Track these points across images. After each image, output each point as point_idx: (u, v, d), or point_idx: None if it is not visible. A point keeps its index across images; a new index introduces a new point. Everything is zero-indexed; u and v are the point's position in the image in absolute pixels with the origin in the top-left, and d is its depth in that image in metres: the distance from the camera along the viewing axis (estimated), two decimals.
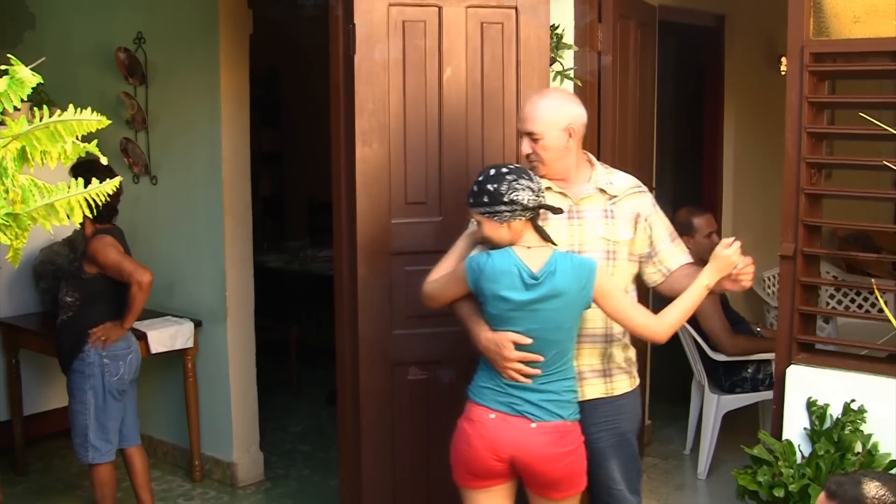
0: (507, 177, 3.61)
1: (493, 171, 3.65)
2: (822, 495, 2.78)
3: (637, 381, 4.12)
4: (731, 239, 3.71)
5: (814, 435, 4.20)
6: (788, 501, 4.08)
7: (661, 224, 4.02)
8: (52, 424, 6.73)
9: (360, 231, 4.48)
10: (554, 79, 4.74)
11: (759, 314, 7.87)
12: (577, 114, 3.87)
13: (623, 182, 4.01)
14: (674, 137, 9.09)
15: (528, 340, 3.62)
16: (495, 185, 3.60)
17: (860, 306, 7.98)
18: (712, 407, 6.17)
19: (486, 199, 3.61)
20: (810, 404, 4.24)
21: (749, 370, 6.20)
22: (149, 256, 6.50)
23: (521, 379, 3.64)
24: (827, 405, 4.21)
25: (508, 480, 3.76)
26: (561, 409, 3.67)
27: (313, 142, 8.86)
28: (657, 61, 6.48)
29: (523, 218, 3.62)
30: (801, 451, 4.23)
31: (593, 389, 3.93)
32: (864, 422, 4.12)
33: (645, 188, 4.08)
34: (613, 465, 3.97)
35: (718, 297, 6.07)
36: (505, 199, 3.58)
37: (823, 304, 7.57)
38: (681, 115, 9.06)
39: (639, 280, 4.09)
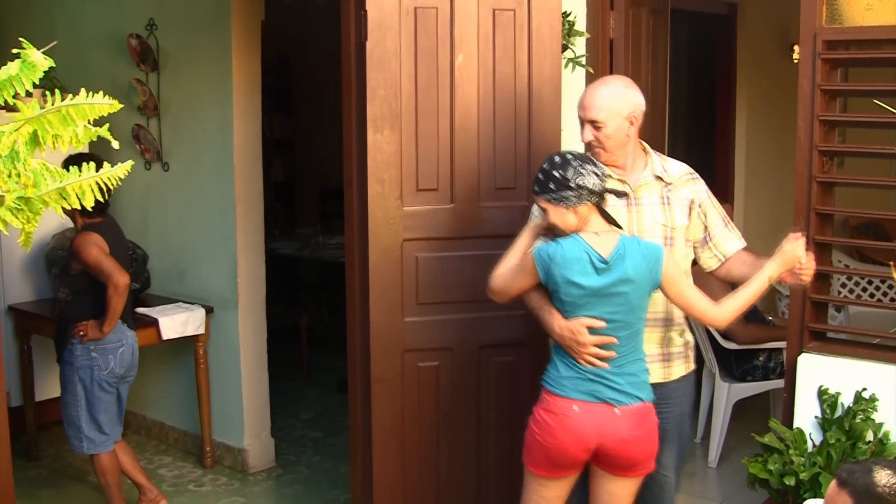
0: (573, 162, 3.64)
1: (558, 158, 3.69)
2: (832, 483, 2.78)
3: (693, 366, 4.13)
4: (799, 234, 3.75)
5: (825, 423, 4.20)
6: (799, 490, 4.08)
7: (714, 210, 4.04)
8: None
9: (371, 217, 4.48)
10: (566, 66, 4.74)
11: (771, 303, 7.86)
12: (638, 102, 3.91)
13: (677, 169, 4.05)
14: (686, 125, 9.08)
15: (602, 324, 3.64)
16: (562, 171, 3.63)
17: (872, 295, 7.97)
18: (723, 395, 6.17)
19: (552, 186, 3.64)
20: (821, 392, 4.24)
21: (760, 358, 6.20)
22: (160, 243, 6.53)
23: (598, 363, 3.65)
24: (838, 394, 4.20)
25: (584, 467, 3.79)
26: (639, 391, 3.71)
27: (325, 129, 8.87)
28: (669, 49, 6.46)
29: (589, 202, 3.65)
30: (811, 439, 4.23)
31: (651, 374, 3.90)
32: (876, 410, 4.11)
33: (697, 175, 4.09)
34: (662, 449, 3.95)
35: (729, 285, 6.06)
36: (572, 185, 3.61)
37: (835, 293, 7.55)
38: (693, 103, 9.05)
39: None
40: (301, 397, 7.77)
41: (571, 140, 4.70)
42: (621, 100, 3.86)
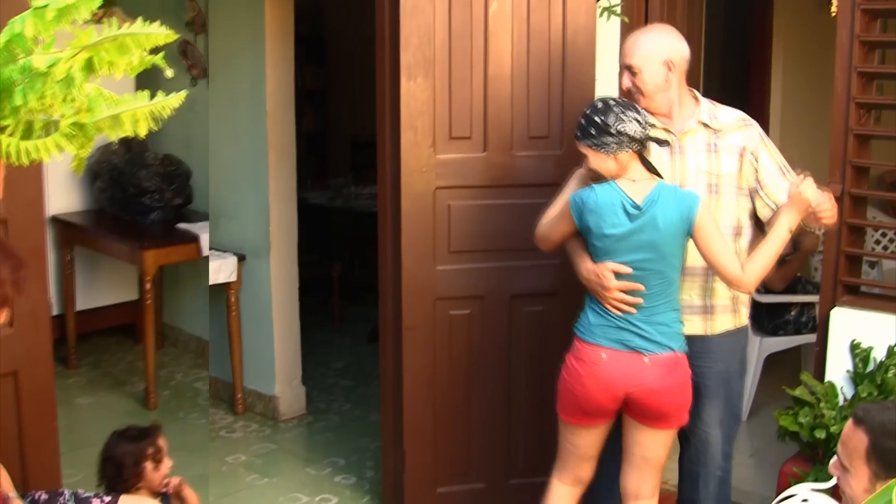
0: (615, 108, 3.61)
1: (600, 104, 3.65)
2: (849, 422, 2.76)
3: (743, 321, 4.03)
4: (802, 176, 3.63)
5: (856, 377, 4.19)
6: (829, 443, 4.08)
7: (769, 158, 3.91)
8: (104, 320, 6.84)
9: (403, 165, 4.48)
10: (600, 14, 4.70)
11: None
12: (676, 48, 3.86)
13: (728, 116, 3.96)
14: (721, 76, 8.99)
15: (628, 270, 3.61)
16: (603, 117, 3.59)
17: None
18: (755, 349, 6.13)
19: (593, 131, 3.61)
20: (854, 347, 4.22)
21: (792, 313, 6.16)
22: (204, 160, 6.51)
23: (625, 308, 3.63)
24: (871, 348, 4.19)
25: (615, 416, 3.78)
26: (671, 341, 3.67)
27: (357, 79, 8.86)
28: None
29: (630, 150, 3.61)
30: (843, 393, 4.23)
31: (690, 326, 3.85)
32: None
33: (753, 122, 3.99)
34: (702, 404, 3.94)
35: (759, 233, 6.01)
36: (612, 131, 3.57)
37: (869, 249, 7.50)
38: (728, 54, 8.96)
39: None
40: (332, 346, 7.81)
41: (606, 89, 4.68)
42: (658, 45, 3.82)
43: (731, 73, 8.93)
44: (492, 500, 4.86)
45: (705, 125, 3.90)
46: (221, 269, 6.14)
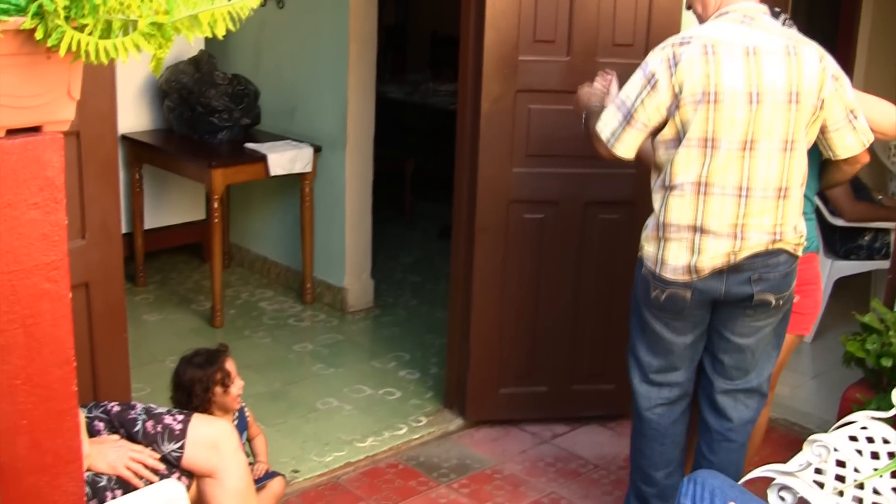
0: None
1: None
2: None
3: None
4: None
5: None
6: (895, 371, 4.05)
7: None
8: (172, 239, 6.91)
9: (486, 65, 4.45)
10: None
11: (882, 182, 7.69)
12: None
13: None
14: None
15: None
16: None
17: None
18: (825, 271, 6.08)
19: None
20: None
21: (866, 238, 6.10)
22: (272, 80, 6.56)
23: None
24: None
25: None
26: None
27: None
28: None
29: None
30: None
31: None
32: None
33: None
34: None
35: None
36: None
37: None
38: None
39: None
40: (402, 241, 7.87)
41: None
42: None
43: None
44: (553, 403, 4.91)
45: None
46: (297, 160, 6.16)
